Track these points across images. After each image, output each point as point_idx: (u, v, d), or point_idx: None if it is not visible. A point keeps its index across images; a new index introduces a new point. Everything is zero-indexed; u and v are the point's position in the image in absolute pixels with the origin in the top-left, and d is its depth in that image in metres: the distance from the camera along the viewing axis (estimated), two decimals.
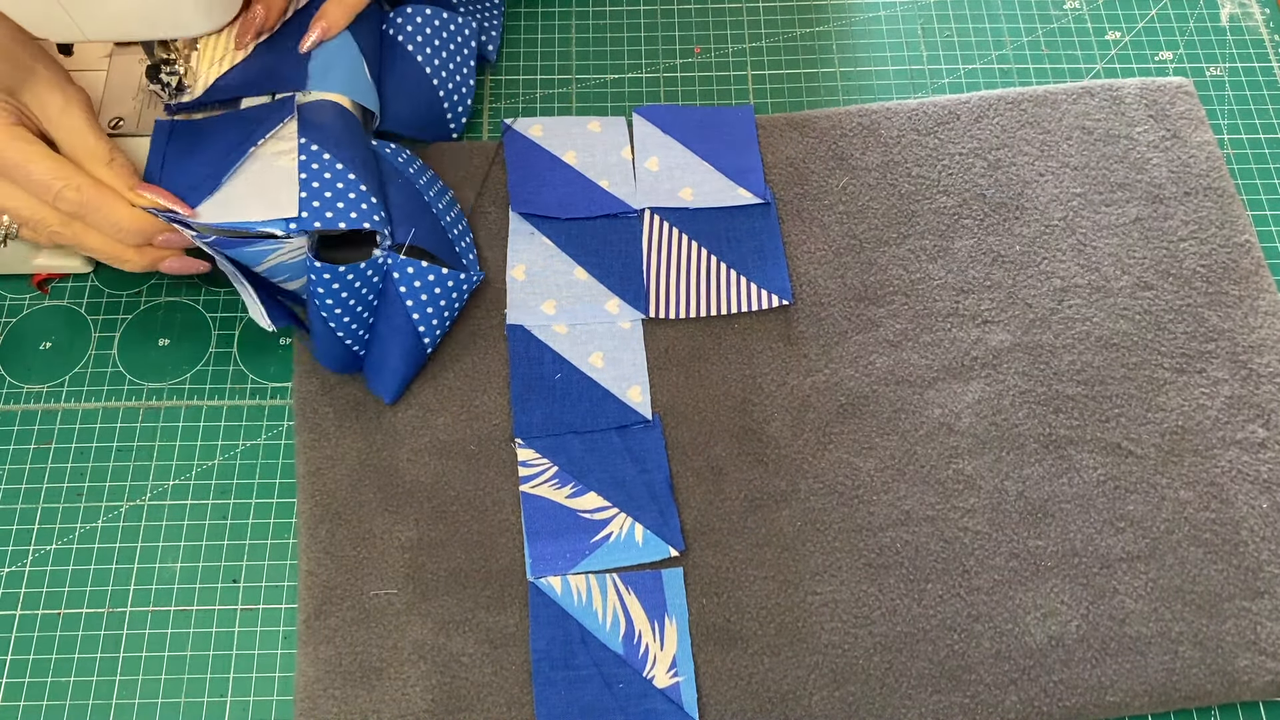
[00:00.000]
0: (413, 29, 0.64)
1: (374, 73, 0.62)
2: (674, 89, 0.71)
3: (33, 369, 0.62)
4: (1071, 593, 0.55)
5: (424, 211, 0.59)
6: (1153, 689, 0.53)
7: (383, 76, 0.63)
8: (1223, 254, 0.63)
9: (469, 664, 0.53)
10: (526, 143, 0.66)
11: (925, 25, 0.74)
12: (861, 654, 0.54)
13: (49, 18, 0.52)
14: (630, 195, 0.65)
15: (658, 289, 0.62)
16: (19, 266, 0.63)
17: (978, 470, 0.58)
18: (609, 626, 0.54)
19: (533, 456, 0.58)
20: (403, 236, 0.56)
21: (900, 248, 0.64)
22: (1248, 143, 0.69)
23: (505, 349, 0.61)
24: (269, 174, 0.55)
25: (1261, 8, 0.74)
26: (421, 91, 0.65)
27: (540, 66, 0.71)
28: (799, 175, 0.66)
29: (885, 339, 0.61)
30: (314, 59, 0.59)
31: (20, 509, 0.58)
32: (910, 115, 0.68)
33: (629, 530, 0.56)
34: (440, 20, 0.65)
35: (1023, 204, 0.65)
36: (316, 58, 0.59)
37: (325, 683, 0.53)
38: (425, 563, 0.56)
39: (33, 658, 0.55)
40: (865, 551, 0.56)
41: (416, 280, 0.56)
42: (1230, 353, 0.61)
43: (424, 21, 0.65)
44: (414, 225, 0.57)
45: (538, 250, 0.63)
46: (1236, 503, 0.57)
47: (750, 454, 0.58)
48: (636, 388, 0.60)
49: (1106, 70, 0.72)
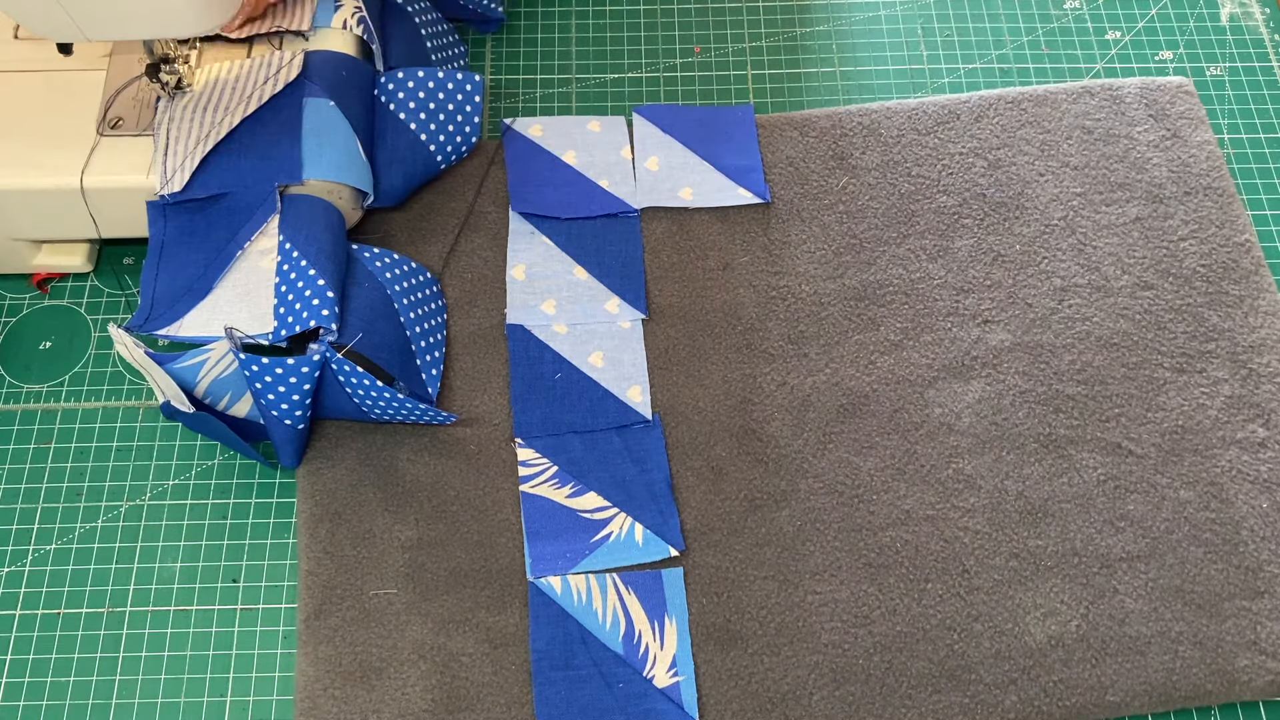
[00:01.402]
0: (405, 95, 0.62)
1: (367, 144, 0.60)
2: (674, 89, 0.71)
3: (33, 369, 0.62)
4: (1071, 593, 0.55)
5: (386, 321, 0.56)
6: (1153, 689, 0.53)
7: (375, 147, 0.61)
8: (1223, 254, 0.63)
9: (469, 664, 0.53)
10: (526, 142, 0.66)
11: (925, 25, 0.74)
12: (861, 654, 0.54)
13: (49, 18, 0.52)
14: (630, 195, 0.65)
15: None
16: (19, 266, 0.63)
17: (978, 470, 0.58)
18: (609, 626, 0.54)
19: (533, 456, 0.58)
20: (347, 339, 0.54)
21: (900, 247, 0.64)
22: (1248, 143, 0.69)
23: (505, 349, 0.61)
24: (254, 276, 0.55)
25: (1261, 7, 0.74)
26: (418, 159, 0.62)
27: (540, 66, 0.71)
28: (799, 175, 0.66)
29: (885, 339, 0.61)
30: (306, 141, 0.57)
31: (20, 509, 0.58)
32: (910, 115, 0.68)
33: (629, 530, 0.56)
34: (435, 81, 0.63)
35: (1023, 203, 0.65)
36: (309, 139, 0.57)
37: (325, 683, 0.53)
38: (425, 562, 0.56)
39: (33, 658, 0.55)
40: (865, 551, 0.56)
41: (354, 379, 0.54)
42: (1230, 352, 0.61)
43: (416, 85, 0.62)
44: (368, 331, 0.54)
45: (538, 250, 0.63)
46: (1236, 503, 0.57)
47: (750, 454, 0.58)
48: (636, 387, 0.60)
49: (1106, 70, 0.72)
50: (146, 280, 0.56)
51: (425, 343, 0.57)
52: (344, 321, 0.54)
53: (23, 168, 0.57)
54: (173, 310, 0.55)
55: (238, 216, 0.57)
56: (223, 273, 0.55)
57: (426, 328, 0.57)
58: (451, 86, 0.63)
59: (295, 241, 0.55)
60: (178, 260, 0.56)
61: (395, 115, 0.62)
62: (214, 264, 0.55)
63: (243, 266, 0.55)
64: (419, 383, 0.56)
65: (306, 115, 0.58)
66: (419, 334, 0.57)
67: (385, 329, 0.55)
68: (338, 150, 0.58)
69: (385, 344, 0.55)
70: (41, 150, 0.58)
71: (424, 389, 0.56)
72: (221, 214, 0.57)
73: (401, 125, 0.62)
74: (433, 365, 0.56)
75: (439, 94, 0.62)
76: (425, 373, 0.56)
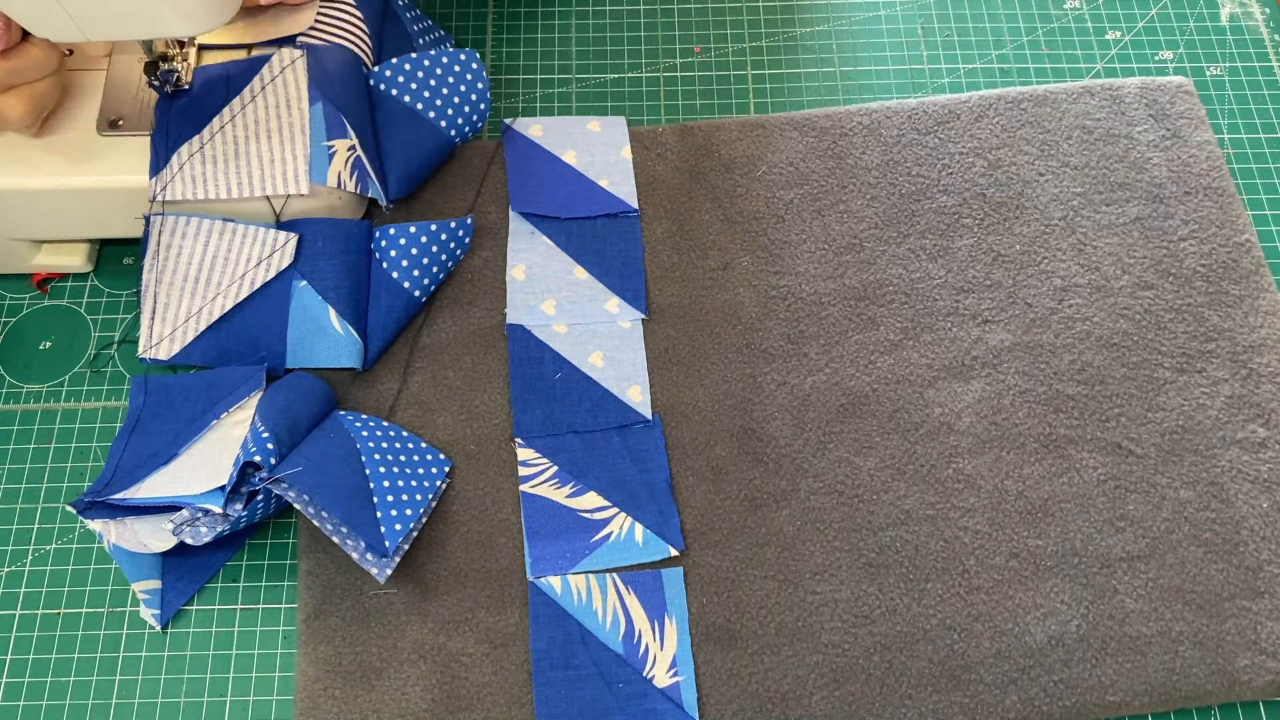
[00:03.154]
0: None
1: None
2: (674, 89, 0.71)
3: (33, 369, 0.62)
4: (1071, 592, 0.55)
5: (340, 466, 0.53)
6: (1153, 689, 0.53)
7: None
8: (1223, 254, 0.63)
9: (469, 664, 0.53)
10: (526, 142, 0.66)
11: (925, 25, 0.74)
12: (861, 654, 0.54)
13: (49, 17, 0.52)
14: (630, 195, 0.65)
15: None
16: (19, 266, 0.63)
17: (978, 470, 0.58)
18: (609, 626, 0.54)
19: (533, 456, 0.58)
20: (281, 470, 0.52)
21: (900, 247, 0.64)
22: (1248, 143, 0.69)
23: (505, 349, 0.61)
24: (221, 445, 0.54)
25: (1261, 7, 0.74)
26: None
27: (540, 66, 0.71)
28: (799, 175, 0.66)
29: (885, 338, 0.61)
30: (292, 332, 0.58)
31: (20, 509, 0.58)
32: (910, 115, 0.68)
33: (629, 530, 0.56)
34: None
35: (1023, 203, 0.65)
36: (295, 330, 0.58)
37: (325, 683, 0.53)
38: (425, 562, 0.56)
39: (33, 658, 0.55)
40: (865, 551, 0.56)
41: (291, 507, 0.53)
42: (1230, 352, 0.61)
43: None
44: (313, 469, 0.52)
45: (538, 250, 0.63)
46: (1236, 503, 0.57)
47: (750, 454, 0.58)
48: (636, 387, 0.60)
49: (1106, 70, 0.72)
50: (115, 448, 0.56)
51: (394, 498, 0.54)
52: (287, 460, 0.52)
53: (23, 168, 0.57)
54: (133, 475, 0.54)
55: (218, 390, 0.57)
56: (191, 441, 0.55)
57: (400, 485, 0.55)
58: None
59: (267, 419, 0.54)
60: (151, 430, 0.56)
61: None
62: (185, 433, 0.55)
63: (212, 436, 0.55)
64: (373, 533, 0.53)
65: (294, 305, 0.58)
66: (387, 488, 0.54)
67: (336, 472, 0.53)
68: (324, 336, 0.58)
69: (330, 485, 0.52)
70: (41, 150, 0.58)
71: (379, 540, 0.53)
72: (202, 387, 0.57)
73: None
74: (398, 520, 0.53)
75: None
76: (386, 525, 0.53)
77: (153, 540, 0.52)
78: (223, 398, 0.56)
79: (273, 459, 0.51)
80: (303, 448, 0.53)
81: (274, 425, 0.53)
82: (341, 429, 0.55)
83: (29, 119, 0.56)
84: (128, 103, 0.60)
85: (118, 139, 0.59)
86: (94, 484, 0.54)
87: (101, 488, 0.53)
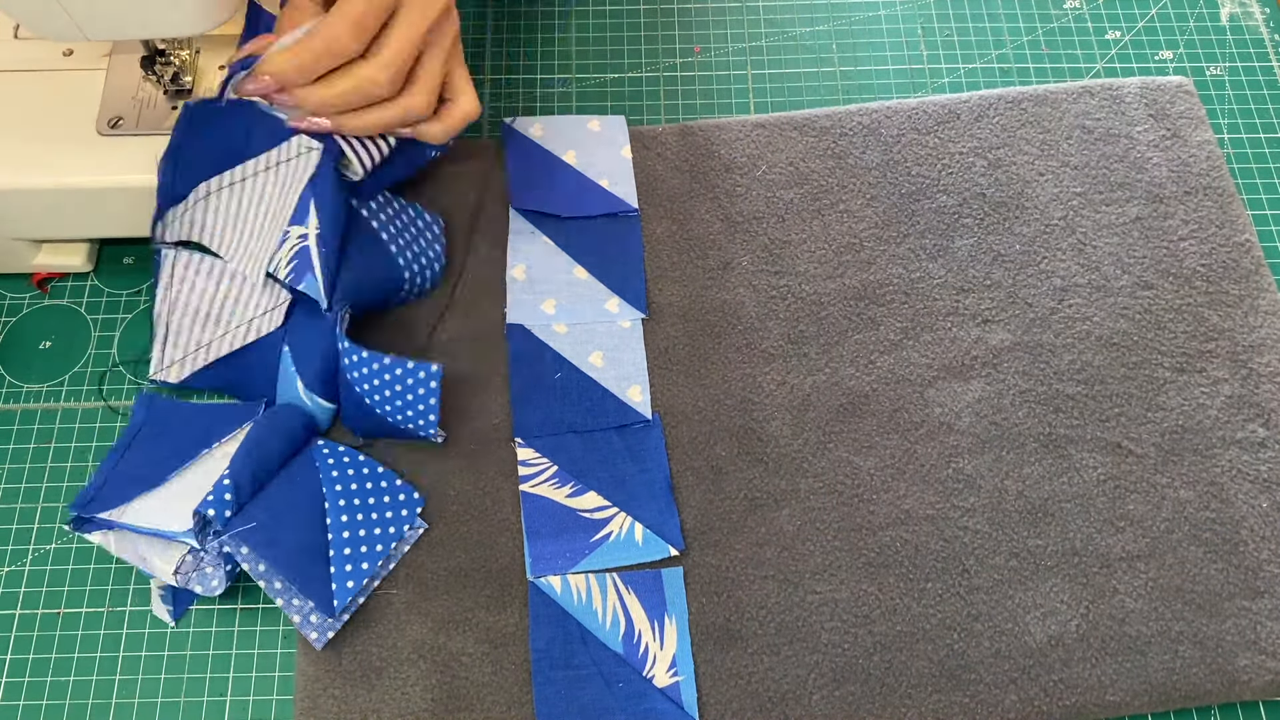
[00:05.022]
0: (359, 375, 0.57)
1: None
2: (674, 89, 0.71)
3: (33, 369, 0.62)
4: (1071, 592, 0.55)
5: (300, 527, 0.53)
6: (1153, 688, 0.53)
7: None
8: (1223, 253, 0.63)
9: (469, 663, 0.53)
10: (526, 142, 0.66)
11: (925, 25, 0.74)
12: (861, 653, 0.54)
13: (49, 17, 0.52)
14: (630, 195, 0.65)
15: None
16: (19, 266, 0.63)
17: (978, 470, 0.58)
18: (609, 626, 0.54)
19: (533, 456, 0.58)
20: (235, 525, 0.51)
21: (900, 247, 0.64)
22: (1248, 142, 0.69)
23: (505, 349, 0.61)
24: (206, 479, 0.54)
25: (1261, 7, 0.74)
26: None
27: (540, 66, 0.71)
28: (799, 175, 0.66)
29: (885, 338, 0.61)
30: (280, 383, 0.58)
31: (20, 509, 0.58)
32: (910, 115, 0.68)
33: (629, 530, 0.56)
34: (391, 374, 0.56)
35: (1023, 203, 0.65)
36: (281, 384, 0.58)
37: (325, 683, 0.53)
38: (425, 562, 0.56)
39: (33, 658, 0.55)
40: (865, 551, 0.56)
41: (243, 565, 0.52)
42: (1230, 352, 0.61)
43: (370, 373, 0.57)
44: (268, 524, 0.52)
45: (538, 249, 0.63)
46: (1236, 502, 0.57)
47: (750, 454, 0.58)
48: (636, 387, 0.60)
49: (1106, 70, 0.72)
50: (107, 463, 0.55)
51: (352, 550, 0.53)
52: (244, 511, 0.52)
53: (23, 168, 0.57)
54: (121, 494, 0.54)
55: (215, 424, 0.57)
56: (180, 469, 0.55)
57: (361, 535, 0.54)
58: (402, 373, 0.55)
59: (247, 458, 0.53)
60: (144, 449, 0.56)
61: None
62: (175, 460, 0.55)
63: (201, 468, 0.55)
64: (322, 591, 0.52)
65: (283, 361, 0.58)
66: (347, 539, 0.54)
67: (293, 523, 0.53)
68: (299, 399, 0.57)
69: (282, 542, 0.52)
70: (41, 150, 0.58)
71: (328, 599, 0.52)
72: (202, 418, 0.57)
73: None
74: (351, 577, 0.53)
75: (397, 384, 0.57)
76: (338, 581, 0.53)
77: (153, 557, 0.53)
78: (218, 431, 0.56)
79: (227, 511, 0.51)
80: (263, 495, 0.53)
81: (240, 466, 0.52)
82: (311, 469, 0.55)
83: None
84: (128, 103, 0.60)
85: (118, 139, 0.59)
86: (80, 495, 0.54)
87: (87, 501, 0.53)
